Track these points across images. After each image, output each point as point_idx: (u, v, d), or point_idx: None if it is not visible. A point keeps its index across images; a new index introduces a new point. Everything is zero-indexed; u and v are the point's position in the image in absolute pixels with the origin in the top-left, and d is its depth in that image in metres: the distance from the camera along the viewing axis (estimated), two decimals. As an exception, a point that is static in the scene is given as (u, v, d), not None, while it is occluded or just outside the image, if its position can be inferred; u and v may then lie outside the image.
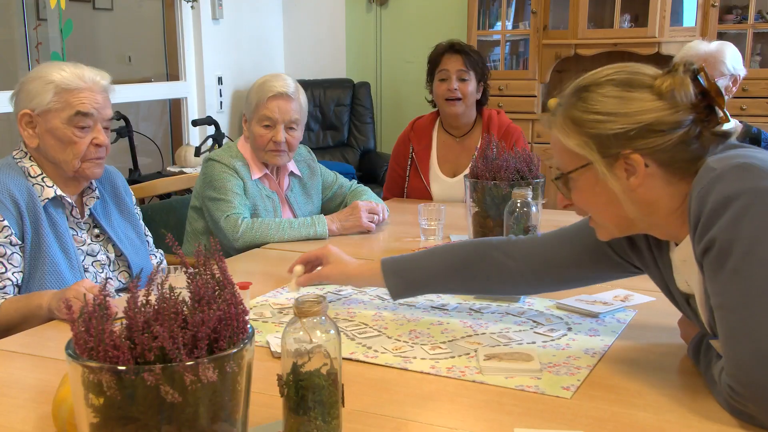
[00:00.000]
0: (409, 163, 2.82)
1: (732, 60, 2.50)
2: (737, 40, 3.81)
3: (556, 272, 1.40)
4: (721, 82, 2.49)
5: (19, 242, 1.61)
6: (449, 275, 1.45)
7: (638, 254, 1.30)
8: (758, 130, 2.52)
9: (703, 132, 1.09)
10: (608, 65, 1.16)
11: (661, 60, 4.20)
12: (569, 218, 1.42)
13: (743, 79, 2.57)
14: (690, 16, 4.25)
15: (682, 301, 1.24)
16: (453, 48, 2.73)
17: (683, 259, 1.15)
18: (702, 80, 1.09)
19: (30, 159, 1.70)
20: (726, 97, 2.60)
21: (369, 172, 4.85)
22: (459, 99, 2.69)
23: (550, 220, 2.36)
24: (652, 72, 1.13)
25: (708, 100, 1.10)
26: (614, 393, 1.14)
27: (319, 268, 1.60)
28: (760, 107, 4.04)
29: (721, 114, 1.10)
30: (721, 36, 3.99)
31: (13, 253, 1.60)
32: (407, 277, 1.47)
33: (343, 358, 1.24)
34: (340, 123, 5.10)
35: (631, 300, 1.57)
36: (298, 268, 1.59)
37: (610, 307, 1.51)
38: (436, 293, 1.57)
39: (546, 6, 4.48)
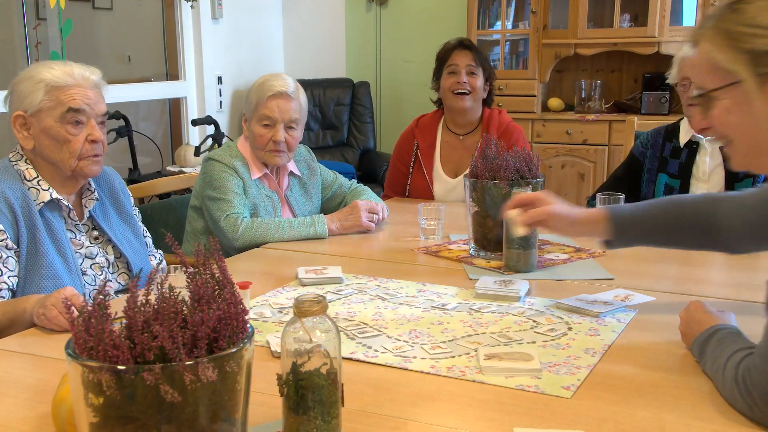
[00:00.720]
0: (412, 160, 2.82)
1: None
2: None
3: (758, 231, 1.35)
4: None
5: (15, 246, 1.60)
6: (668, 231, 1.44)
7: None
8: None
9: None
10: None
11: (661, 60, 4.20)
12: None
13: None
14: (690, 15, 4.25)
15: None
16: (463, 44, 2.77)
17: None
18: None
19: (26, 162, 1.69)
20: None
21: (369, 171, 4.85)
22: (467, 93, 2.71)
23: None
24: None
25: None
26: (614, 393, 1.14)
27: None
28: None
29: None
30: (720, 35, 3.98)
31: (8, 257, 1.59)
32: (633, 229, 1.46)
33: (343, 358, 1.24)
34: (340, 123, 5.10)
35: (631, 300, 1.57)
36: (514, 212, 1.54)
37: (611, 307, 1.51)
38: (650, 245, 1.54)
39: (546, 6, 4.48)
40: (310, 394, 0.93)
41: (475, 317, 1.49)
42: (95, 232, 1.79)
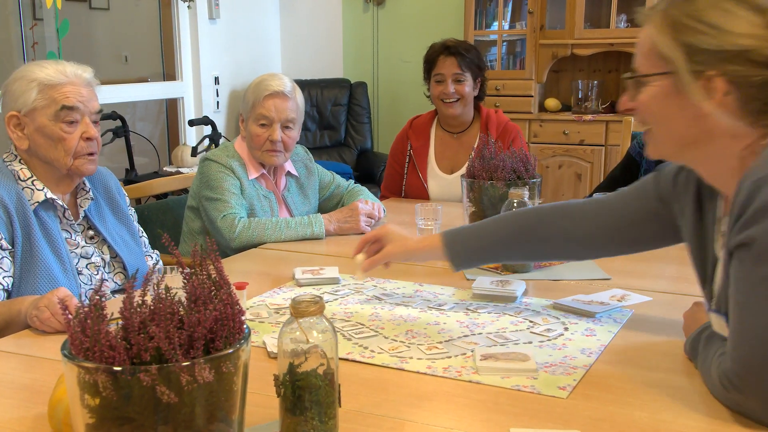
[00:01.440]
0: (407, 160, 2.83)
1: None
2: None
3: (613, 234, 1.37)
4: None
5: (9, 247, 1.60)
6: (510, 243, 1.45)
7: (681, 209, 1.26)
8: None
9: None
10: None
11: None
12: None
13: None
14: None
15: (710, 263, 1.19)
16: (448, 50, 2.72)
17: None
18: None
19: (20, 162, 1.69)
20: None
21: (366, 171, 4.85)
22: (456, 100, 2.70)
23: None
24: None
25: None
26: (610, 393, 1.14)
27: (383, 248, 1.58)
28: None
29: None
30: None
31: (2, 257, 1.59)
32: (468, 246, 1.47)
33: (340, 359, 1.24)
34: (337, 123, 5.10)
35: (627, 300, 1.57)
36: (360, 257, 1.57)
37: (607, 307, 1.51)
38: (497, 262, 1.56)
39: (543, 6, 4.48)
40: (307, 394, 0.93)
41: (471, 317, 1.49)
42: (90, 232, 1.78)
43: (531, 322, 1.46)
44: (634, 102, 1.14)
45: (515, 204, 1.76)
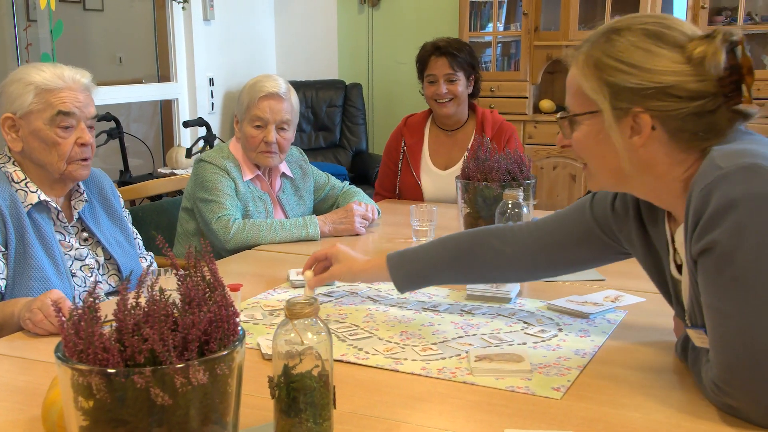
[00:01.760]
0: (401, 157, 2.83)
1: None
2: (727, 42, 3.83)
3: (548, 255, 1.39)
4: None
5: (3, 249, 1.60)
6: (449, 265, 1.46)
7: (627, 235, 1.28)
8: (745, 130, 2.52)
9: (721, 108, 1.05)
10: (648, 13, 1.11)
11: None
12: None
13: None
14: (680, 17, 4.26)
15: (671, 284, 1.22)
16: (439, 50, 2.72)
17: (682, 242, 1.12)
18: (738, 53, 1.04)
19: (14, 164, 1.69)
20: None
21: (361, 173, 4.85)
22: (449, 100, 2.71)
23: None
24: (690, 32, 1.07)
25: (737, 76, 1.04)
26: (604, 394, 1.14)
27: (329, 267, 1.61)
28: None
29: (745, 93, 1.05)
30: (710, 37, 4.01)
31: None
32: (411, 269, 1.48)
33: (335, 360, 1.24)
34: (333, 124, 5.10)
35: (621, 301, 1.57)
36: (308, 273, 1.61)
37: (601, 308, 1.52)
38: (441, 284, 1.58)
39: (537, 7, 4.49)
40: (302, 396, 0.93)
41: (466, 319, 1.49)
42: (84, 234, 1.78)
43: (525, 323, 1.46)
44: (569, 140, 1.18)
45: (510, 205, 1.76)
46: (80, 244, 1.76)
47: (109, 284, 1.78)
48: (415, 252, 1.51)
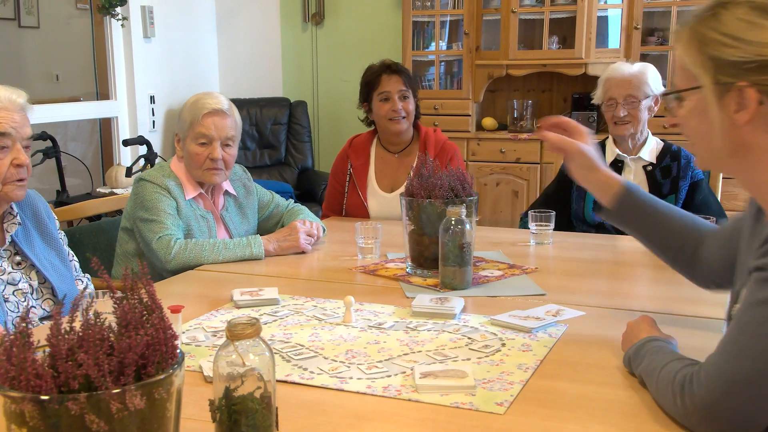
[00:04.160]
0: (347, 179, 2.84)
1: (654, 81, 2.60)
2: (659, 62, 3.98)
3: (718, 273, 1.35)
4: (645, 103, 2.58)
5: None
6: (663, 239, 1.42)
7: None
8: (678, 148, 2.62)
9: None
10: None
11: (588, 80, 4.34)
12: (501, 234, 1.44)
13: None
14: (614, 38, 4.41)
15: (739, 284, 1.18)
16: (390, 69, 2.77)
17: None
18: None
19: None
20: (648, 117, 2.68)
21: (307, 190, 4.83)
22: (404, 117, 2.74)
23: (484, 236, 2.40)
24: None
25: None
26: (546, 407, 1.16)
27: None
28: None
29: None
30: (644, 57, 4.15)
31: None
32: (633, 211, 1.42)
33: (279, 381, 1.22)
34: (278, 141, 5.08)
35: (562, 315, 1.60)
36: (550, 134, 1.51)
37: (542, 322, 1.54)
38: (641, 239, 1.49)
39: (478, 27, 4.58)
40: (244, 418, 0.92)
41: (411, 335, 1.50)
42: (18, 258, 1.72)
43: (469, 338, 1.48)
44: (674, 117, 1.16)
45: (453, 222, 1.78)
46: (13, 268, 1.70)
47: (44, 309, 1.72)
48: (644, 199, 1.43)
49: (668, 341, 1.25)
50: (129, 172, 3.89)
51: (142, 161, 3.96)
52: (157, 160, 3.95)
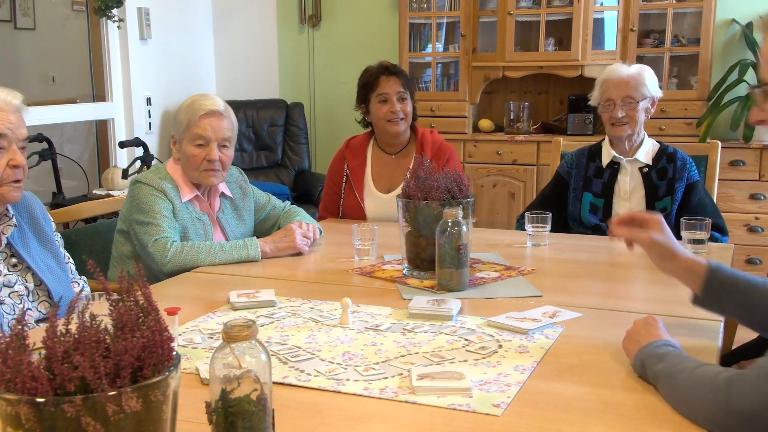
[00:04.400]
0: (344, 180, 2.84)
1: (650, 82, 2.61)
2: (655, 63, 3.99)
3: None
4: (642, 104, 2.59)
5: None
6: (754, 318, 1.34)
7: None
8: (674, 150, 2.63)
9: None
10: None
11: (585, 82, 4.34)
12: (498, 236, 1.44)
13: (660, 100, 2.68)
14: (611, 40, 4.42)
15: None
16: (388, 70, 2.77)
17: None
18: None
19: None
20: (645, 118, 2.69)
21: (304, 192, 4.83)
22: (402, 119, 2.74)
23: (480, 238, 2.40)
24: None
25: None
26: (543, 409, 1.16)
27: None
28: (677, 128, 4.22)
29: None
30: (640, 59, 4.16)
31: None
32: (724, 297, 1.35)
33: (275, 383, 1.22)
34: (274, 143, 5.08)
35: (558, 316, 1.60)
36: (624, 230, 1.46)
37: (539, 324, 1.54)
38: (738, 320, 1.42)
39: (475, 30, 4.59)
40: (240, 421, 0.92)
41: (408, 337, 1.50)
42: (13, 260, 1.72)
43: (466, 340, 1.48)
44: (762, 111, 1.12)
45: (449, 224, 1.78)
46: (8, 270, 1.70)
47: (39, 311, 1.72)
48: (734, 280, 1.35)
49: (677, 346, 1.25)
50: (125, 173, 3.88)
51: (138, 163, 3.95)
52: (154, 162, 3.94)
